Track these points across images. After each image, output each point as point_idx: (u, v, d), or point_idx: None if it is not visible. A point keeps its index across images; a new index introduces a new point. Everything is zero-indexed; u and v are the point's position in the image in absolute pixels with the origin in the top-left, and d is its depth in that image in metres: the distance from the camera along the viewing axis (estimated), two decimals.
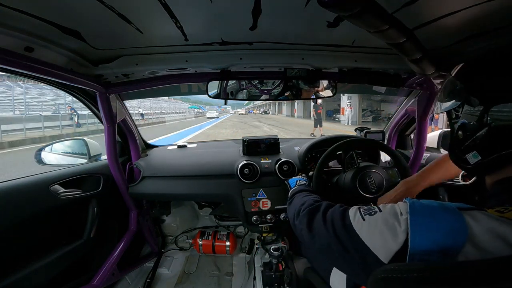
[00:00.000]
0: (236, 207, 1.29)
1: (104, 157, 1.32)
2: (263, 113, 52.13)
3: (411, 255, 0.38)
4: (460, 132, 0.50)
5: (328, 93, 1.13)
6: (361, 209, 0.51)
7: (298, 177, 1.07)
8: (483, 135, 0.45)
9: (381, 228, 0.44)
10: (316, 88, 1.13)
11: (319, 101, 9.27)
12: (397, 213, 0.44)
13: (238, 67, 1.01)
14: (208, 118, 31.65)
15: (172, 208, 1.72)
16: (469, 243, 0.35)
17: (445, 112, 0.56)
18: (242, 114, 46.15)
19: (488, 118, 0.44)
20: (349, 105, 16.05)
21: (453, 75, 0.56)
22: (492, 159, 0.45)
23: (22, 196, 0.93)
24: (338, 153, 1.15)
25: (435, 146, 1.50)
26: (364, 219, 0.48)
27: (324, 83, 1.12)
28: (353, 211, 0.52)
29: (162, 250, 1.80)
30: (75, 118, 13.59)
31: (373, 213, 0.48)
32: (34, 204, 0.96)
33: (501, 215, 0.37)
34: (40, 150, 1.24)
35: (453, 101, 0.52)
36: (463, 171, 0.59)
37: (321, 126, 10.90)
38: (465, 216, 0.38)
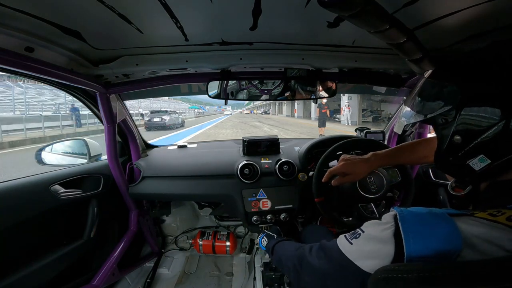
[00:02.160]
0: (236, 207, 1.29)
1: (104, 157, 1.32)
2: (263, 113, 53.98)
3: (408, 262, 0.38)
4: (457, 137, 0.46)
5: (328, 93, 1.13)
6: (346, 236, 0.51)
7: (262, 234, 1.05)
8: (495, 134, 0.41)
9: (369, 248, 0.44)
10: (316, 88, 1.13)
11: (324, 100, 9.07)
12: (380, 228, 0.44)
13: (238, 67, 1.01)
14: (225, 115, 49.18)
15: (172, 208, 1.72)
16: (466, 247, 0.35)
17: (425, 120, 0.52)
18: (248, 113, 57.23)
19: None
20: (347, 105, 16.00)
21: (427, 76, 0.54)
22: (504, 161, 0.42)
23: (22, 196, 0.93)
24: (338, 153, 1.15)
25: None
26: (351, 243, 0.48)
27: (324, 83, 1.12)
28: (341, 240, 0.52)
29: (162, 250, 1.80)
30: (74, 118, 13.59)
31: (357, 236, 0.48)
32: (34, 204, 0.96)
33: (493, 218, 0.37)
34: (41, 150, 1.24)
35: (440, 105, 0.48)
36: (451, 182, 0.55)
37: (324, 126, 10.62)
38: (456, 222, 0.38)
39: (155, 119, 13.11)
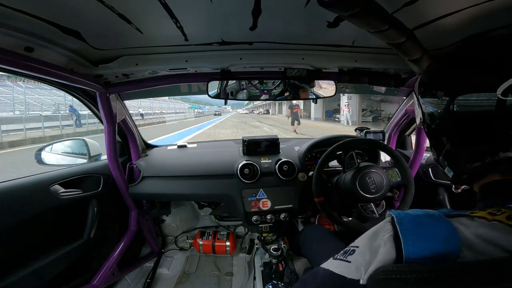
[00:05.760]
0: (236, 207, 1.29)
1: (104, 157, 1.32)
2: (263, 113, 53.86)
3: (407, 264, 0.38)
4: (433, 147, 0.51)
5: (328, 93, 1.13)
6: (338, 257, 0.48)
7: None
8: (447, 151, 0.46)
9: (369, 257, 0.42)
10: (316, 88, 1.13)
11: (295, 101, 10.67)
12: (378, 236, 0.43)
13: (238, 67, 1.01)
14: (240, 114, 58.58)
15: (172, 208, 1.72)
16: (464, 248, 0.35)
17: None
18: (246, 113, 61.64)
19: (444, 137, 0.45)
20: (346, 105, 16.01)
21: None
22: (464, 172, 0.46)
23: (22, 196, 0.93)
24: (338, 153, 1.15)
25: None
26: (349, 261, 0.45)
27: (324, 83, 1.12)
28: (334, 264, 0.48)
29: (162, 250, 1.80)
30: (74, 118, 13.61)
31: (352, 252, 0.46)
32: (34, 204, 0.96)
33: (493, 217, 0.37)
34: (40, 150, 1.24)
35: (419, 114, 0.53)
36: None
37: (298, 124, 12.28)
38: (453, 223, 0.38)
39: (216, 112, 51.86)
